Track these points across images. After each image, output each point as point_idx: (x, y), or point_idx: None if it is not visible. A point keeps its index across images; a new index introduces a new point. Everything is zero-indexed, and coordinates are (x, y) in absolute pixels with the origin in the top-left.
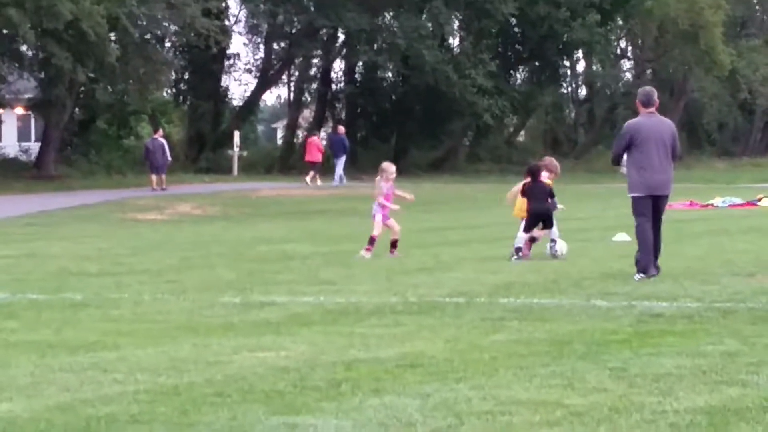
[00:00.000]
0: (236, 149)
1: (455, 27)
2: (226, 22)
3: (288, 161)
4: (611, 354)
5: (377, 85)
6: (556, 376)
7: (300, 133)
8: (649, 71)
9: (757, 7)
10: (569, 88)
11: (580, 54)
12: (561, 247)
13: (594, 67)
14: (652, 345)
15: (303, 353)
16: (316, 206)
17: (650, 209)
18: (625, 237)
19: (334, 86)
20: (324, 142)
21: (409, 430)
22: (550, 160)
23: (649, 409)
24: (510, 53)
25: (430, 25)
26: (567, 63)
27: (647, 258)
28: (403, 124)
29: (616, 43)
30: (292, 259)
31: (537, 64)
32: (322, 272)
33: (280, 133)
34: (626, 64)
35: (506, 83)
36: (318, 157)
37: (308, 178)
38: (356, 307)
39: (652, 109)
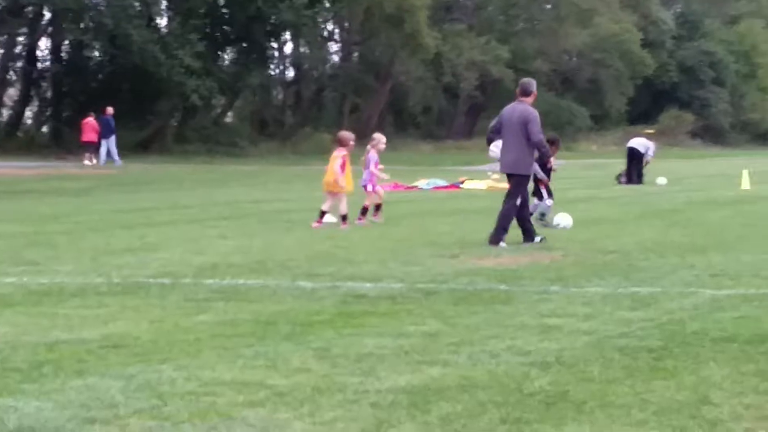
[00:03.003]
0: None
1: (163, 7)
2: None
3: None
4: (315, 334)
5: (84, 64)
6: (260, 357)
7: (4, 112)
8: (356, 54)
9: None
10: (277, 70)
11: (287, 36)
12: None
13: (301, 49)
14: (355, 325)
15: (4, 334)
16: (21, 186)
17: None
18: (330, 218)
19: (39, 65)
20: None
21: (111, 412)
22: (344, 134)
23: (351, 389)
24: (218, 34)
25: (137, 4)
26: (275, 44)
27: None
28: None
29: (323, 26)
30: None
31: (245, 45)
32: (26, 252)
33: None
34: (334, 47)
35: (214, 64)
36: (94, 138)
37: (87, 160)
38: (60, 287)
39: (523, 98)
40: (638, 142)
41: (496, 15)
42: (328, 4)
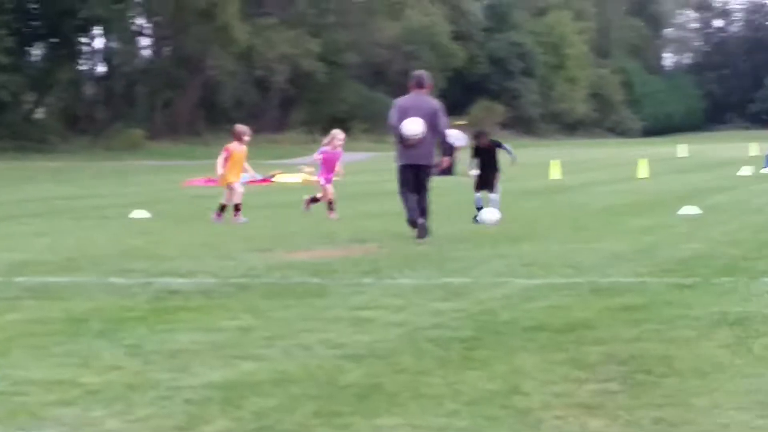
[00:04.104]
0: None
1: None
2: None
3: None
4: (127, 331)
5: None
6: (71, 355)
7: None
8: (167, 48)
9: None
10: (87, 65)
11: (98, 30)
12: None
13: (112, 44)
14: (168, 321)
15: None
16: None
17: (411, 176)
18: (144, 213)
19: None
20: None
21: None
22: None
23: (164, 385)
24: (26, 29)
25: None
26: (85, 39)
27: (412, 216)
28: None
29: (133, 20)
30: None
31: (54, 40)
32: None
33: None
34: (145, 41)
35: (22, 60)
36: None
37: None
38: None
39: (420, 90)
40: (451, 134)
41: (307, 8)
42: None
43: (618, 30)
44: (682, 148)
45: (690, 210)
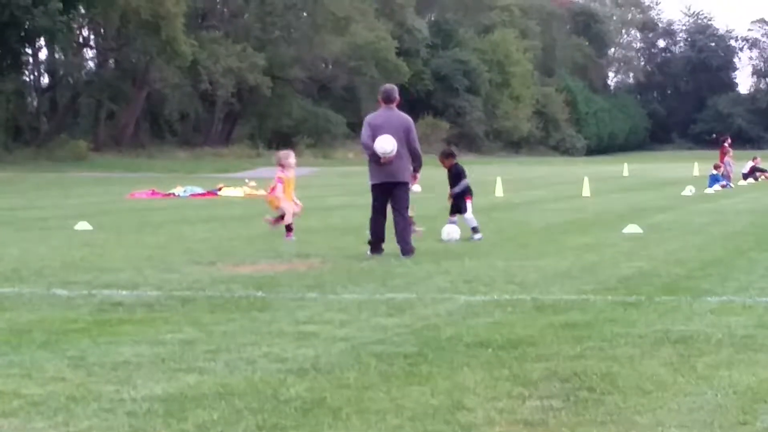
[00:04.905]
0: None
1: None
2: None
3: None
4: (71, 343)
5: None
6: (14, 366)
7: None
8: (112, 60)
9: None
10: (32, 76)
11: (42, 42)
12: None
13: (56, 56)
14: (111, 333)
15: None
16: None
17: (383, 196)
18: (87, 226)
19: None
20: None
21: None
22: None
23: (106, 397)
24: None
25: None
26: (29, 50)
27: (374, 239)
28: None
29: (78, 32)
30: None
31: None
32: None
33: None
34: (89, 53)
35: None
36: None
37: None
38: None
39: (392, 105)
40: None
41: (253, 22)
42: (83, 10)
43: (562, 49)
44: (625, 167)
45: (633, 229)
